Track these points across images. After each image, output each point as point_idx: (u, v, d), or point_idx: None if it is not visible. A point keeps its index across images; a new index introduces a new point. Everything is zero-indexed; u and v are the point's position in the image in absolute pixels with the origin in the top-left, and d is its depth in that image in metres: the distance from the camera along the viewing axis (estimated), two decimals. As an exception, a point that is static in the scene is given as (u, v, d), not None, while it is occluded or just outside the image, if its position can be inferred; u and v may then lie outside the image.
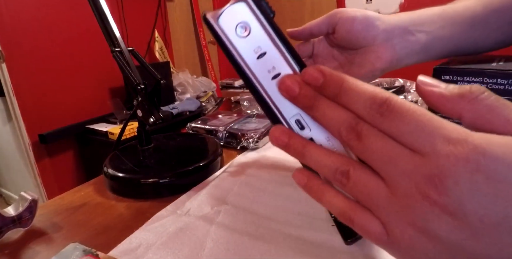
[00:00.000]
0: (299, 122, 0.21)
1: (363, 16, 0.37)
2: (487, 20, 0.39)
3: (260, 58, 0.21)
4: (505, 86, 0.36)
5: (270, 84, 0.21)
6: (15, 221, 0.36)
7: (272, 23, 0.21)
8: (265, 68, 0.21)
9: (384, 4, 2.14)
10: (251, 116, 0.68)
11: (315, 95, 0.19)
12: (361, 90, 0.18)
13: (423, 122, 0.16)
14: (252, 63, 0.21)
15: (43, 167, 1.61)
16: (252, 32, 0.21)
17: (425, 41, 0.38)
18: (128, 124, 0.54)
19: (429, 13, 0.39)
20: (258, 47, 0.21)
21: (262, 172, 0.48)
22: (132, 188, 0.45)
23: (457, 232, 0.15)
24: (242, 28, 0.20)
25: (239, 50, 0.21)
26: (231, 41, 0.20)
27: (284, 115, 0.21)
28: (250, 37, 0.21)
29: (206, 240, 0.34)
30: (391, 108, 0.17)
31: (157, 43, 2.11)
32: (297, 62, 0.21)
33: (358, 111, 0.18)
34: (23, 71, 1.48)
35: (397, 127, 0.16)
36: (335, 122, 0.19)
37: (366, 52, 0.38)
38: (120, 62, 0.47)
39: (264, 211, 0.38)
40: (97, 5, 0.46)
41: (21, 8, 1.46)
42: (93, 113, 1.74)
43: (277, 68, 0.21)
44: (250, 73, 0.21)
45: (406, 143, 0.16)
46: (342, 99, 0.18)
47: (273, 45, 0.21)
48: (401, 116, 0.16)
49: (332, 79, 0.19)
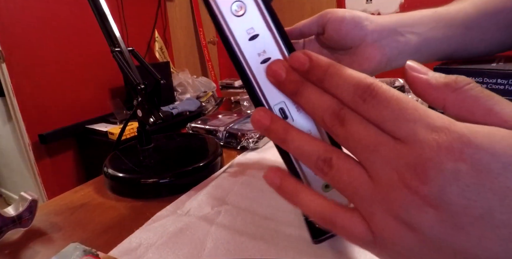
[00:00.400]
0: (283, 111, 0.21)
1: (352, 17, 0.36)
2: (480, 23, 0.38)
3: (252, 39, 0.20)
4: (505, 86, 0.36)
5: (258, 67, 0.21)
6: (15, 221, 0.36)
7: (269, 6, 0.21)
8: (255, 51, 0.21)
9: (384, 4, 2.14)
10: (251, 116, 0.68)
11: (301, 80, 0.19)
12: (346, 76, 0.17)
13: (407, 109, 0.16)
14: (243, 43, 0.20)
15: (43, 167, 1.61)
16: (247, 12, 0.20)
17: (416, 43, 0.37)
18: (128, 124, 0.54)
19: (420, 14, 0.39)
20: (251, 28, 0.20)
21: (262, 172, 0.48)
22: (132, 188, 0.45)
23: (440, 224, 0.15)
24: (238, 7, 0.20)
25: (231, 28, 0.20)
26: (224, 17, 0.20)
27: (269, 102, 0.21)
28: (245, 17, 0.20)
29: (206, 240, 0.34)
30: (374, 94, 0.16)
31: (157, 43, 2.11)
32: (288, 49, 0.21)
33: (342, 97, 0.17)
34: (23, 71, 1.48)
35: (380, 113, 0.16)
36: (319, 108, 0.18)
37: (355, 53, 0.38)
38: (120, 62, 0.47)
39: (264, 211, 0.38)
40: (97, 5, 0.46)
41: (21, 8, 1.46)
42: (93, 113, 1.74)
43: (268, 52, 0.21)
44: (240, 54, 0.21)
45: (389, 130, 0.16)
46: (327, 85, 0.18)
47: (267, 28, 0.21)
48: (384, 103, 0.16)
49: (318, 64, 0.18)
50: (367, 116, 0.17)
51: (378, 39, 0.37)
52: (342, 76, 0.17)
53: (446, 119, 0.15)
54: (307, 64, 0.19)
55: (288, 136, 0.19)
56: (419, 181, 0.15)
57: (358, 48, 0.37)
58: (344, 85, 0.17)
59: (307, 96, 0.19)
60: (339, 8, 2.08)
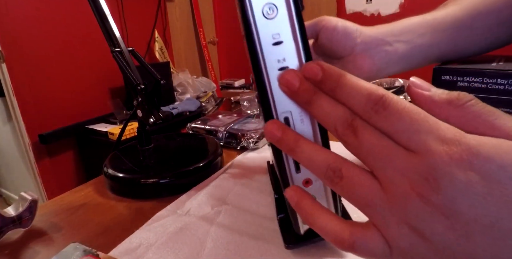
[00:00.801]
0: (287, 120, 0.21)
1: (343, 27, 0.37)
2: (471, 24, 0.39)
3: (275, 45, 0.21)
4: (505, 86, 0.36)
5: (274, 73, 0.21)
6: (15, 221, 0.36)
7: (300, 16, 0.21)
8: (276, 57, 0.21)
9: (384, 4, 2.14)
10: (251, 116, 0.68)
11: (314, 90, 0.19)
12: (358, 86, 0.18)
13: (418, 121, 0.16)
14: (266, 47, 0.21)
15: (43, 167, 1.61)
16: (277, 17, 0.20)
17: (404, 51, 0.38)
18: (128, 124, 0.54)
19: (408, 22, 0.39)
20: (278, 34, 0.20)
21: (262, 172, 0.48)
22: (132, 188, 0.45)
23: (450, 233, 0.15)
24: (270, 9, 0.20)
25: (259, 29, 0.20)
26: (255, 17, 0.20)
27: (277, 109, 0.21)
28: (274, 21, 0.20)
29: (206, 240, 0.34)
30: (386, 105, 0.17)
31: (157, 43, 2.11)
32: (308, 60, 0.21)
33: (354, 107, 0.18)
34: (23, 71, 1.48)
35: (392, 125, 0.17)
36: (331, 118, 0.19)
37: (346, 62, 0.39)
38: (120, 62, 0.47)
39: (264, 212, 0.38)
40: (97, 5, 0.46)
41: (21, 8, 1.46)
42: (93, 113, 1.74)
43: (287, 61, 0.21)
44: (261, 56, 0.21)
45: (401, 141, 0.16)
46: (339, 95, 0.18)
47: (293, 37, 0.21)
48: (396, 114, 0.16)
49: (331, 74, 0.19)
50: (379, 126, 0.17)
51: (366, 49, 0.38)
52: (354, 86, 0.18)
53: (456, 131, 0.16)
54: (320, 74, 0.19)
55: (297, 147, 0.20)
56: (431, 190, 0.15)
57: (349, 57, 0.38)
58: (356, 96, 0.18)
59: (320, 105, 0.19)
60: (339, 8, 2.06)
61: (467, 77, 0.35)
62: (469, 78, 0.35)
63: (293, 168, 0.23)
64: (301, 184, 0.24)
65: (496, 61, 0.38)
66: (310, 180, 0.24)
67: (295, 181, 0.24)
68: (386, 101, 0.17)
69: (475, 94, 0.17)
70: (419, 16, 0.40)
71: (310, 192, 0.23)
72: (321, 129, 0.22)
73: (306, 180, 0.24)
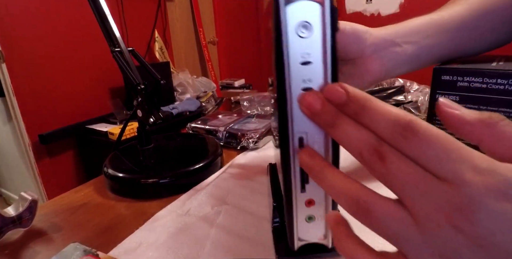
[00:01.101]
0: (301, 141, 0.21)
1: (352, 29, 0.37)
2: (477, 24, 0.39)
3: (303, 64, 0.20)
4: (505, 86, 0.36)
5: (297, 93, 0.20)
6: (15, 221, 0.36)
7: (334, 38, 0.20)
8: (301, 76, 0.20)
9: (384, 4, 2.14)
10: (251, 116, 0.68)
11: (337, 112, 0.19)
12: (385, 111, 0.17)
13: (450, 149, 0.15)
14: (294, 65, 0.20)
15: (43, 167, 1.61)
16: (310, 37, 0.20)
17: (412, 51, 0.38)
18: (128, 124, 0.54)
19: (416, 23, 0.39)
20: (308, 54, 0.20)
21: (262, 172, 0.48)
22: (132, 188, 0.45)
23: None
24: (304, 27, 0.20)
25: (290, 46, 0.20)
26: (287, 33, 0.20)
27: (294, 128, 0.21)
28: (306, 40, 0.20)
29: (206, 240, 0.34)
30: (415, 131, 0.16)
31: (157, 43, 2.11)
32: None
33: (380, 132, 0.17)
34: (23, 71, 1.48)
35: (423, 152, 0.16)
36: (356, 142, 0.18)
37: (355, 65, 0.38)
38: (120, 62, 0.47)
39: (264, 212, 0.38)
40: (97, 5, 0.46)
41: (21, 8, 1.46)
42: (93, 113, 1.74)
43: (313, 82, 0.20)
44: (287, 73, 0.20)
45: (432, 169, 0.16)
46: (364, 119, 0.18)
47: (322, 59, 0.20)
48: (427, 141, 0.16)
49: (356, 98, 0.18)
50: (408, 153, 0.16)
51: (376, 51, 0.37)
52: (380, 111, 0.17)
53: (490, 160, 0.15)
54: (343, 98, 0.18)
55: (323, 175, 0.20)
56: (467, 222, 0.15)
57: (358, 60, 0.38)
58: (383, 120, 0.17)
59: (344, 129, 0.18)
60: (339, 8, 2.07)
61: (467, 77, 0.35)
62: (469, 78, 0.35)
63: (299, 187, 0.23)
64: (303, 204, 0.24)
65: (496, 61, 0.38)
66: (313, 200, 0.24)
67: (298, 200, 0.24)
68: (415, 127, 0.16)
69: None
70: (426, 16, 0.40)
71: (311, 213, 0.23)
72: (333, 155, 0.22)
73: (309, 201, 0.24)
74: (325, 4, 0.19)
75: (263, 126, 0.61)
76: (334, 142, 0.22)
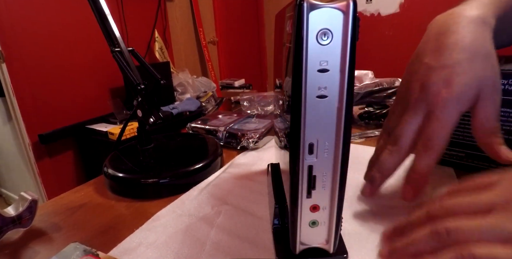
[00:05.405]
0: (311, 147, 0.21)
1: None
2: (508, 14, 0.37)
3: (320, 72, 0.20)
4: (505, 86, 0.36)
5: (311, 99, 0.20)
6: (15, 221, 0.36)
7: (353, 47, 0.20)
8: (317, 84, 0.20)
9: (384, 4, 2.14)
10: (251, 116, 0.68)
11: None
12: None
13: None
14: (311, 72, 0.20)
15: (43, 167, 1.61)
16: (330, 44, 0.20)
17: None
18: (128, 124, 0.54)
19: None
20: (326, 61, 0.20)
21: (262, 172, 0.48)
22: (132, 188, 0.45)
23: None
24: (325, 35, 0.19)
25: (309, 52, 0.20)
26: (308, 39, 0.19)
27: (306, 133, 0.21)
28: (326, 48, 0.20)
29: (206, 240, 0.34)
30: None
31: (157, 43, 2.11)
32: (348, 93, 0.20)
33: None
34: (23, 71, 1.48)
35: None
36: None
37: None
38: (120, 62, 0.47)
39: (264, 212, 0.38)
40: (97, 5, 0.46)
41: (21, 8, 1.46)
42: (93, 113, 1.74)
43: (328, 90, 0.20)
44: (303, 80, 0.20)
45: None
46: None
47: (340, 68, 0.20)
48: None
49: None
50: None
51: None
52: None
53: None
54: None
55: None
56: None
57: None
58: None
59: None
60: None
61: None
62: None
63: (305, 192, 0.24)
64: (308, 209, 0.24)
65: (496, 61, 0.37)
66: (318, 206, 0.24)
67: (304, 205, 0.24)
68: None
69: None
70: None
71: (315, 218, 0.24)
72: (342, 162, 0.22)
73: (314, 206, 0.24)
74: (349, 13, 0.19)
75: (263, 126, 0.61)
76: (344, 148, 0.22)
